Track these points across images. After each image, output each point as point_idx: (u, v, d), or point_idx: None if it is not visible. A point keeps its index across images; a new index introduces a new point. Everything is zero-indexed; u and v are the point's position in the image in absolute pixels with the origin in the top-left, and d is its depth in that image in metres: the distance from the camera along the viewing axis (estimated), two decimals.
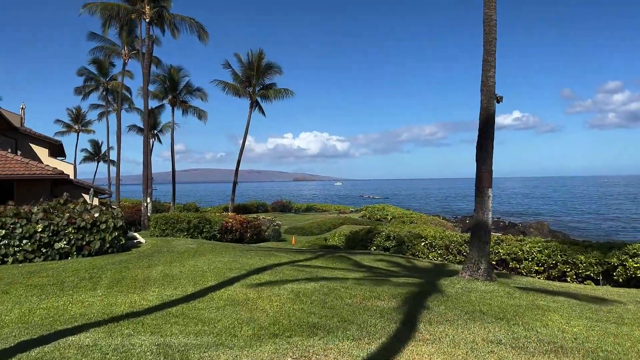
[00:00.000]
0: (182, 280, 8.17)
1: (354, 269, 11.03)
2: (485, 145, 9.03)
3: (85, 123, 76.38)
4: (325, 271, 9.92)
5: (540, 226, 43.18)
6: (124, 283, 7.89)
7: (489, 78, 9.08)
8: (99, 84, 55.77)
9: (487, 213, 8.94)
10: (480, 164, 9.05)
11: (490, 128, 9.05)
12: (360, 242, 16.66)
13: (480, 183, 9.05)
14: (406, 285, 8.55)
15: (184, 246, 13.45)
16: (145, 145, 29.83)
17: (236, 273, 8.94)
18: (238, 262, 10.45)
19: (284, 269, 9.74)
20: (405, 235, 15.54)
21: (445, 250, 14.51)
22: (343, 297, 7.07)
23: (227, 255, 11.74)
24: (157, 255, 11.59)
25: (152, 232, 21.58)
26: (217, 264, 10.21)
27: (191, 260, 10.71)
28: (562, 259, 12.47)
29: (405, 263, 13.13)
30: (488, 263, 8.96)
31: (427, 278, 9.76)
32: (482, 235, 8.93)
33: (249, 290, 7.26)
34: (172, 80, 40.98)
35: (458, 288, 8.41)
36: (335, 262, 11.94)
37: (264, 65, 38.86)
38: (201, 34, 32.28)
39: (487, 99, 9.07)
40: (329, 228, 33.52)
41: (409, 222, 38.24)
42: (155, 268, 9.54)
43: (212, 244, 14.78)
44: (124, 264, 10.14)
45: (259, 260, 10.95)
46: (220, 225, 22.43)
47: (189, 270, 9.31)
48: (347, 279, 8.79)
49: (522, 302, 7.65)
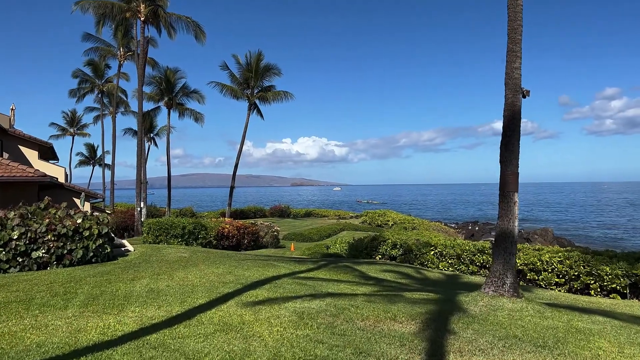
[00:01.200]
0: (169, 296, 7.15)
1: (361, 281, 10.03)
2: (511, 144, 8.05)
3: (81, 126, 75.37)
4: (329, 285, 8.91)
5: (544, 233, 42.16)
6: (101, 300, 6.86)
7: (515, 70, 8.12)
8: (94, 86, 54.79)
9: (513, 221, 7.95)
10: (505, 165, 8.07)
11: (516, 125, 8.07)
12: (365, 250, 15.65)
13: (505, 187, 8.07)
14: (423, 302, 7.55)
15: (175, 255, 12.43)
16: (139, 148, 28.82)
17: (231, 288, 7.92)
18: (233, 274, 9.43)
19: (284, 283, 8.73)
20: (412, 243, 14.54)
21: (456, 259, 13.51)
22: (354, 319, 6.06)
23: (222, 265, 10.72)
24: (144, 265, 10.56)
25: (145, 238, 20.55)
26: (210, 276, 9.20)
27: (181, 271, 9.69)
28: (585, 270, 11.49)
29: (415, 274, 12.13)
30: (514, 277, 7.96)
31: (444, 293, 8.77)
32: (507, 246, 7.93)
33: (245, 311, 6.24)
34: (168, 82, 39.98)
35: (482, 306, 7.41)
36: (339, 274, 10.93)
37: (263, 67, 37.91)
38: (198, 33, 31.37)
39: (512, 93, 8.10)
40: (329, 234, 32.50)
41: (410, 228, 37.26)
42: (141, 281, 8.52)
43: (206, 252, 13.75)
44: (106, 275, 9.11)
45: (256, 272, 9.94)
46: (217, 232, 21.40)
47: (177, 284, 8.29)
48: (356, 295, 7.79)
49: (558, 323, 6.66)
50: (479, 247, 13.19)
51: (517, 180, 8.02)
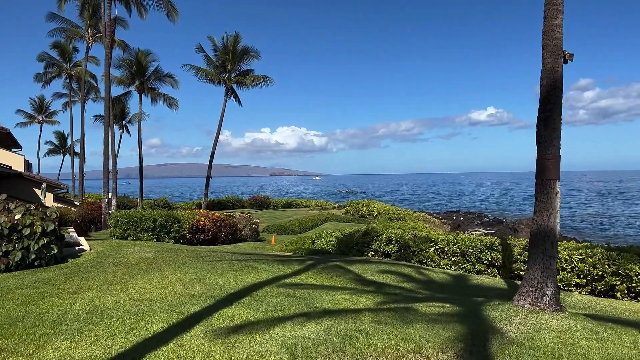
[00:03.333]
0: (115, 320, 5.37)
1: (359, 287, 8.38)
2: (552, 120, 6.43)
3: (50, 113, 71.83)
4: (323, 295, 7.23)
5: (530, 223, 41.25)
6: (19, 329, 5.03)
7: (555, 28, 6.49)
8: (61, 71, 51.68)
9: (555, 216, 6.37)
10: (544, 147, 6.46)
11: (557, 97, 6.45)
12: (356, 246, 14.01)
13: (544, 173, 6.47)
14: (444, 319, 5.94)
15: (137, 255, 10.56)
16: (107, 134, 26.52)
17: (199, 304, 6.16)
18: (204, 282, 7.67)
19: (268, 294, 7.01)
20: (410, 238, 12.96)
21: (460, 257, 11.99)
22: (366, 356, 4.40)
23: (191, 269, 8.93)
24: (97, 270, 8.70)
25: (111, 232, 18.51)
26: (174, 285, 7.42)
27: (140, 279, 7.88)
28: (610, 270, 10.06)
29: (417, 275, 10.55)
30: (556, 286, 6.40)
31: (463, 303, 7.18)
32: (547, 248, 6.36)
33: (215, 345, 4.52)
34: (139, 64, 37.43)
35: (519, 324, 5.84)
36: (332, 278, 9.26)
37: (240, 49, 35.78)
38: (170, 11, 29.12)
39: (552, 56, 6.48)
40: (312, 226, 30.87)
41: (396, 218, 35.84)
42: (85, 295, 6.69)
43: (175, 251, 11.92)
44: (43, 286, 7.25)
45: (232, 278, 8.19)
46: (191, 225, 19.47)
47: (131, 298, 6.48)
48: (359, 312, 6.12)
49: (627, 350, 5.13)
50: (487, 244, 11.68)
51: (558, 165, 6.42)
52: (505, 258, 11.36)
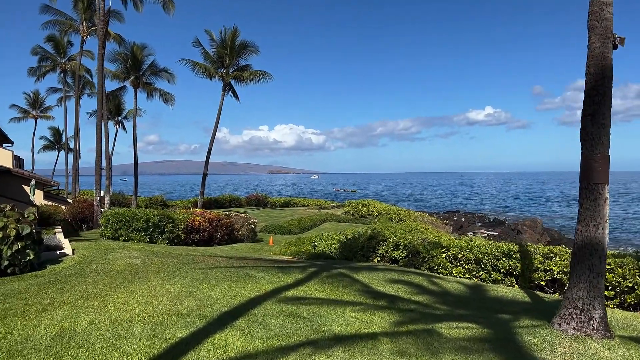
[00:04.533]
0: (83, 351, 4.44)
1: (370, 302, 7.46)
2: (600, 114, 5.51)
3: (45, 109, 70.59)
4: (331, 313, 6.31)
5: (533, 224, 40.46)
6: None
7: (605, 8, 5.58)
8: (55, 65, 50.53)
9: (603, 226, 5.45)
10: (591, 145, 5.54)
11: (606, 88, 5.54)
12: (360, 251, 13.08)
13: (591, 176, 5.55)
14: (475, 348, 5.04)
15: (124, 261, 9.62)
16: (99, 129, 25.48)
17: (187, 327, 5.24)
18: (194, 296, 6.74)
19: (267, 313, 6.09)
20: (419, 244, 12.05)
21: (475, 264, 11.08)
22: None
23: (182, 278, 8.01)
24: (75, 280, 7.76)
25: (102, 232, 17.57)
26: (161, 300, 6.48)
27: (123, 291, 6.94)
28: None
29: (430, 286, 9.64)
30: (604, 308, 5.49)
31: (491, 323, 6.27)
32: (594, 264, 5.45)
33: None
34: (134, 58, 36.40)
35: (565, 354, 4.94)
36: (337, 289, 8.34)
37: (239, 44, 34.78)
38: (166, 2, 28.14)
39: (600, 40, 5.56)
40: (310, 226, 29.96)
41: (397, 219, 34.95)
42: (55, 312, 5.75)
43: (165, 255, 10.98)
44: (10, 300, 6.31)
45: (227, 290, 7.27)
46: (185, 224, 18.54)
47: (108, 318, 5.55)
48: (375, 337, 5.21)
49: None
50: (504, 250, 10.77)
51: (608, 167, 5.51)
52: (524, 266, 10.46)
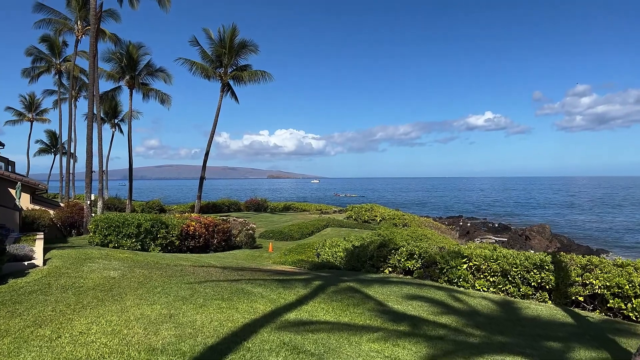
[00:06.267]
0: None
1: (389, 326, 6.16)
2: None
3: (40, 111, 69.46)
4: (344, 344, 5.02)
5: (541, 230, 39.16)
6: None
7: None
8: (50, 66, 49.41)
9: None
10: None
11: None
12: (369, 260, 11.77)
13: None
14: None
15: (99, 274, 8.32)
16: (90, 130, 24.17)
17: None
18: (175, 322, 5.43)
19: (265, 345, 4.79)
20: (436, 253, 10.74)
21: (501, 277, 9.77)
22: None
23: (163, 296, 6.70)
24: (35, 298, 6.46)
25: (91, 238, 16.33)
26: (132, 327, 5.18)
27: (88, 314, 5.64)
28: None
29: (453, 302, 8.33)
30: None
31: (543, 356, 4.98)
32: None
33: None
34: (130, 58, 35.18)
35: None
36: (348, 308, 7.03)
37: (238, 43, 33.57)
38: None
39: None
40: (312, 231, 28.60)
41: (401, 224, 33.61)
42: None
43: (150, 267, 9.67)
44: None
45: (216, 312, 5.96)
46: (180, 230, 17.25)
47: (55, 358, 4.25)
48: None
49: None
50: (535, 261, 9.45)
51: None
52: (559, 280, 9.16)
